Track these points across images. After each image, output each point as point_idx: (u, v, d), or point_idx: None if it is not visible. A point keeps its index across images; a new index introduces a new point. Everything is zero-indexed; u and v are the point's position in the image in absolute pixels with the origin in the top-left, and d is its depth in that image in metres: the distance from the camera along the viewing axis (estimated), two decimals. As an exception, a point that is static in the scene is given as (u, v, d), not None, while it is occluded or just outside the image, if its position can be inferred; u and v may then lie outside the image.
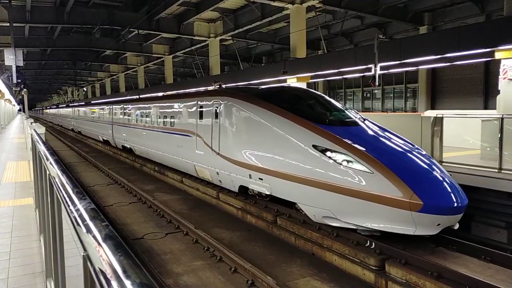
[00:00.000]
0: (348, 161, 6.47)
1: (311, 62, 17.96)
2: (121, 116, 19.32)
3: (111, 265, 1.12)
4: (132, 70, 44.68)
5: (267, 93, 9.27)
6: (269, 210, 8.66)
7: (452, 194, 6.00)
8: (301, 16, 19.06)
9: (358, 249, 6.40)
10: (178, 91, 24.89)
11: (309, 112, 8.12)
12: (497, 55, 11.58)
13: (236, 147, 8.98)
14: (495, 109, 12.88)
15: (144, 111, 15.93)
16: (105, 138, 22.81)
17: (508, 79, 11.45)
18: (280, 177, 7.67)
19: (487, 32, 11.59)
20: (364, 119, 8.28)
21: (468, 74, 22.52)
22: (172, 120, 12.87)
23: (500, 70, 11.79)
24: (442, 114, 11.14)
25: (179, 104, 12.54)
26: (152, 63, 39.44)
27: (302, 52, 19.30)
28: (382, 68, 13.98)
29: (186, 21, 23.95)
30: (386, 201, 5.97)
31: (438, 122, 10.85)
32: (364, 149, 6.59)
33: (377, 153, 6.49)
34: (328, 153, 6.72)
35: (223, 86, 13.35)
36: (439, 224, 5.96)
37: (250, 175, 8.61)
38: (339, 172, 6.50)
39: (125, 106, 19.00)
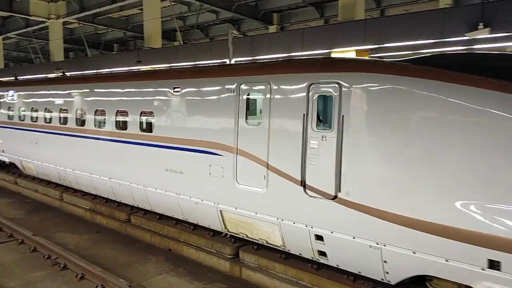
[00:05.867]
0: None
1: (167, 53, 17.52)
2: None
3: None
4: None
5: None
6: (122, 209, 8.14)
7: None
8: (155, 4, 18.40)
9: (214, 240, 6.48)
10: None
11: None
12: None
13: (435, 192, 4.19)
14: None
15: (74, 99, 9.11)
16: None
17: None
18: None
19: (325, 35, 13.02)
20: None
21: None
22: (154, 120, 7.13)
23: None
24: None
25: (174, 89, 6.82)
26: (-25, 43, 33.27)
27: (158, 42, 18.70)
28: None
29: (20, -3, 20.78)
30: None
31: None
32: None
33: None
34: None
35: (67, 74, 11.91)
36: None
37: (493, 262, 3.90)
38: None
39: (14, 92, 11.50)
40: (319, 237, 5.12)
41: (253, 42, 15.04)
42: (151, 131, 7.11)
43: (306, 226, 5.19)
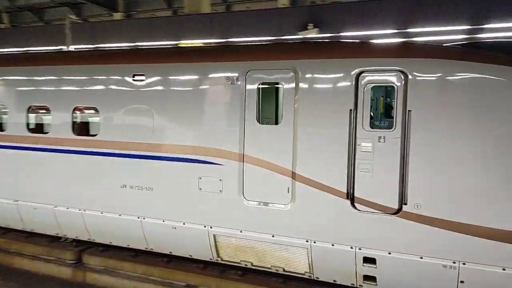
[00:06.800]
0: None
1: (-11, 36, 15.14)
2: None
3: None
4: None
5: None
6: None
7: None
8: (-30, -22, 15.63)
9: (52, 246, 5.91)
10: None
11: None
12: (181, 48, 13.14)
13: None
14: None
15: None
16: None
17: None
18: None
19: (173, 26, 12.95)
20: None
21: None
22: (100, 119, 5.37)
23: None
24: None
25: (133, 77, 5.13)
26: None
27: (-26, 23, 15.94)
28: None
29: None
30: None
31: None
32: None
33: None
34: None
35: None
36: None
37: None
38: None
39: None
40: (369, 260, 4.28)
41: (95, 29, 14.05)
42: (93, 134, 5.49)
43: (352, 248, 4.30)
